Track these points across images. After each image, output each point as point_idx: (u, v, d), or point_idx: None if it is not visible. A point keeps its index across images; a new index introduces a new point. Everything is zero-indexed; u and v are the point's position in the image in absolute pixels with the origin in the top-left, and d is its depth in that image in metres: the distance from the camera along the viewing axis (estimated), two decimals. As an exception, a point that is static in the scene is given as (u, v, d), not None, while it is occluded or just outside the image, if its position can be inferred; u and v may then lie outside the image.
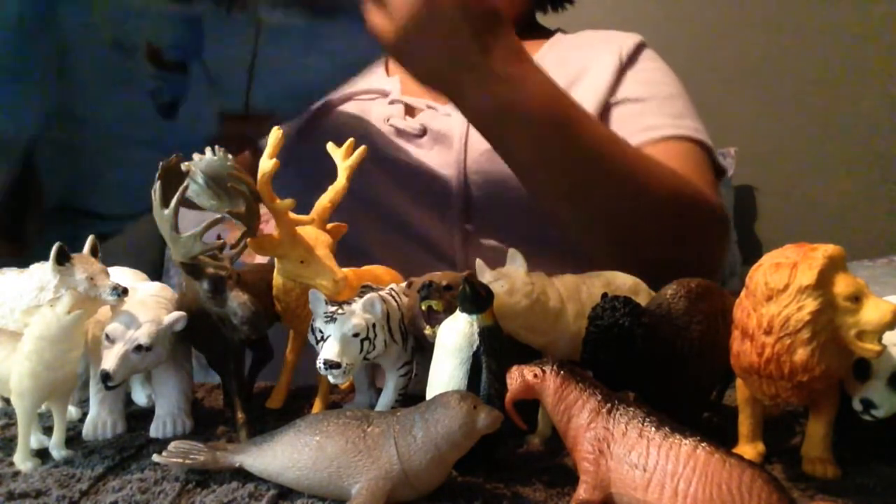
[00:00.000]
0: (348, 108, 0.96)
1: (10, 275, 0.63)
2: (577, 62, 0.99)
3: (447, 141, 0.91)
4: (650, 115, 0.94)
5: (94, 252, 0.58)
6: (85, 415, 0.62)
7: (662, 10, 1.86)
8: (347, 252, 0.68)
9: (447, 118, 0.93)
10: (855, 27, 1.78)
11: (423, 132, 0.92)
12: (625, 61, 0.98)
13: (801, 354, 0.44)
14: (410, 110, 0.96)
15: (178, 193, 0.53)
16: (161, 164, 0.54)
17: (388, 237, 0.92)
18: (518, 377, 0.46)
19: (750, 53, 1.83)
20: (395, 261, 0.75)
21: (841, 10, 1.78)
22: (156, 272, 1.74)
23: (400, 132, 0.93)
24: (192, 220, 0.56)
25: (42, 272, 0.59)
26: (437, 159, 0.91)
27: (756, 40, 1.83)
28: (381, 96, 0.97)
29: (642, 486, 0.41)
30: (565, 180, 0.72)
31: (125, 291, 0.55)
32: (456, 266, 0.88)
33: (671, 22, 1.84)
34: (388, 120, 0.93)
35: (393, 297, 0.59)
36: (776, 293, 0.45)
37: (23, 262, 0.63)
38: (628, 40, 1.01)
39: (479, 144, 0.89)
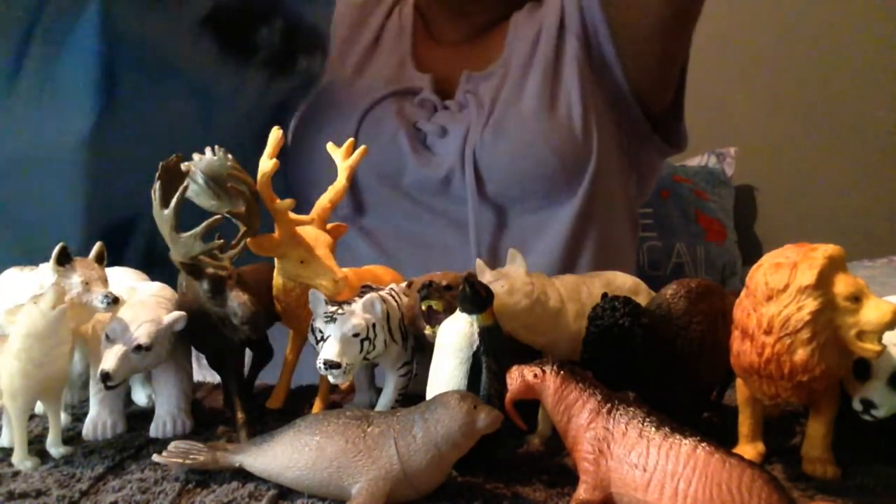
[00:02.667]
0: (387, 105, 0.96)
1: (13, 272, 0.63)
2: None
3: (456, 132, 0.93)
4: None
5: (99, 258, 0.58)
6: (77, 419, 0.62)
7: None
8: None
9: (460, 114, 0.94)
10: (856, 27, 1.78)
11: (444, 133, 0.94)
12: None
13: (801, 354, 0.44)
14: (435, 108, 0.98)
15: (178, 193, 0.53)
16: (161, 164, 0.54)
17: None
18: (518, 377, 0.46)
19: (750, 53, 1.83)
20: None
21: (842, 10, 1.78)
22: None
23: (425, 136, 0.95)
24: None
25: (44, 271, 0.59)
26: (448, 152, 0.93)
27: (756, 40, 1.82)
28: (412, 94, 0.98)
29: (642, 486, 0.41)
30: None
31: (116, 300, 0.55)
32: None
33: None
34: (415, 124, 0.95)
35: (393, 297, 0.59)
36: (776, 293, 0.45)
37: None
38: None
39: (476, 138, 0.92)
